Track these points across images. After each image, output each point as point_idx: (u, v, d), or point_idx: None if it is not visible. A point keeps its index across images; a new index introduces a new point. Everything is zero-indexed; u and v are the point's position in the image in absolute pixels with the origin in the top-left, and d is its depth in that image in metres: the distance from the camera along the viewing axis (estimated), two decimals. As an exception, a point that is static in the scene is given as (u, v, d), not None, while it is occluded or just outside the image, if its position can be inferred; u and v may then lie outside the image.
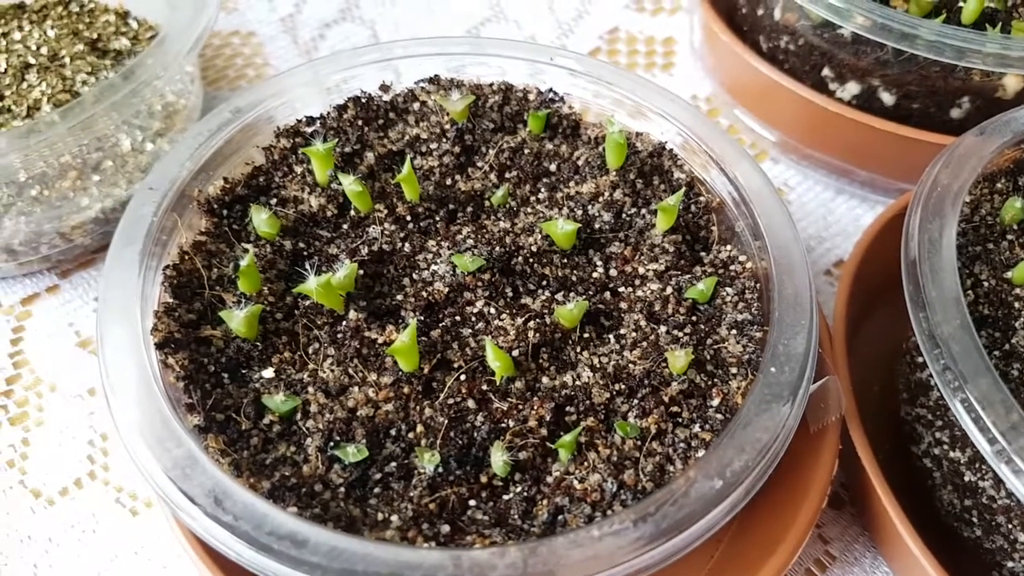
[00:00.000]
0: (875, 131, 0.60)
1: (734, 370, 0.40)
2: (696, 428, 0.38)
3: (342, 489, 0.36)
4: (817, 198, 0.69)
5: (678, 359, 0.39)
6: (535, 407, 0.39)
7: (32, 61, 0.67)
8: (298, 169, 0.48)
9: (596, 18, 0.83)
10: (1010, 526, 0.42)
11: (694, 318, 0.43)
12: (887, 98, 0.61)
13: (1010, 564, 0.43)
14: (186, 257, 0.44)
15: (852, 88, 0.62)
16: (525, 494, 0.37)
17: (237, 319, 0.40)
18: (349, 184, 0.45)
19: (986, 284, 0.45)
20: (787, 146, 0.67)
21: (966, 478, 0.44)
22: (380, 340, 0.41)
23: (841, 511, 0.51)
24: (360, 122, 0.51)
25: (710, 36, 0.70)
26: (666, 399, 0.39)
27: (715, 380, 0.40)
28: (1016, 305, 0.44)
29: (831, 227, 0.67)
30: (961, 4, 0.62)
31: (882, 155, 0.63)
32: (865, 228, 0.55)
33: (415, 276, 0.45)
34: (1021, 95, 0.59)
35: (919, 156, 0.56)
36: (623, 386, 0.40)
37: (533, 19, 0.83)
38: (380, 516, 0.36)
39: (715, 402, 0.39)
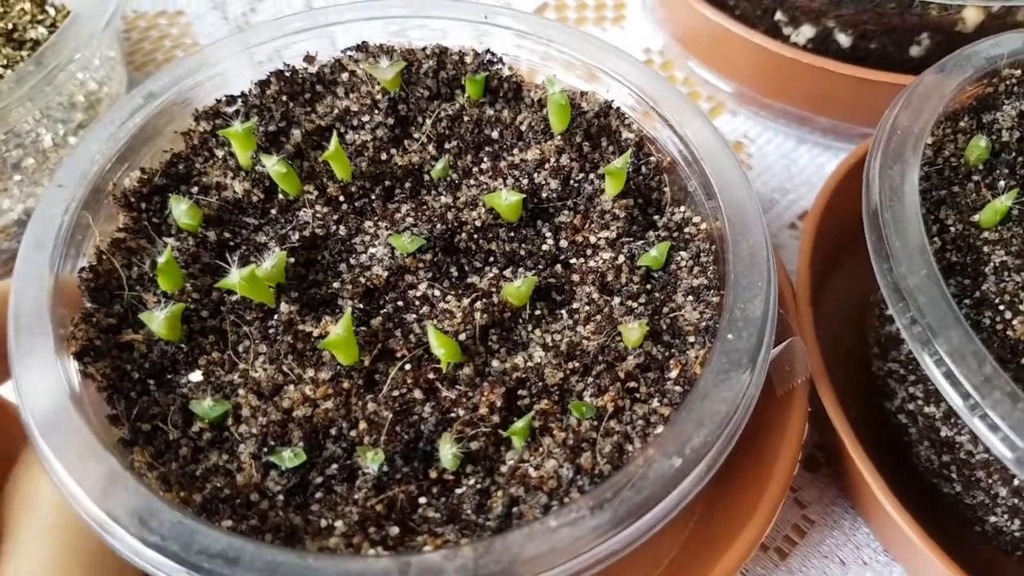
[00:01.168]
0: (832, 75, 0.58)
1: (692, 339, 0.38)
2: (655, 403, 0.36)
3: (280, 497, 0.34)
4: (778, 149, 0.66)
5: (632, 332, 0.37)
6: (485, 393, 0.37)
7: (-58, 56, 0.63)
8: (219, 153, 0.45)
9: (542, -26, 0.80)
10: (990, 481, 0.41)
11: (648, 286, 0.41)
12: (843, 39, 0.59)
13: (992, 519, 0.42)
14: (103, 257, 0.40)
15: (807, 31, 0.59)
16: (478, 487, 0.35)
17: (158, 320, 0.37)
18: (273, 165, 0.42)
19: (953, 229, 0.43)
20: (744, 97, 0.65)
21: (943, 433, 0.42)
22: (316, 333, 0.38)
23: (817, 473, 0.50)
24: (284, 98, 0.47)
25: (659, -15, 0.67)
26: (622, 375, 0.37)
27: (672, 351, 0.38)
28: (985, 250, 0.42)
29: (794, 178, 0.65)
30: (916, -65, 0.59)
31: (842, 100, 0.60)
32: (826, 178, 0.53)
33: (352, 261, 0.42)
34: (982, 28, 0.57)
35: (880, 98, 0.54)
36: (577, 364, 0.38)
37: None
38: (323, 523, 0.33)
39: (673, 374, 0.37)
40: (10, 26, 0.66)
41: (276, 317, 0.39)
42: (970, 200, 0.44)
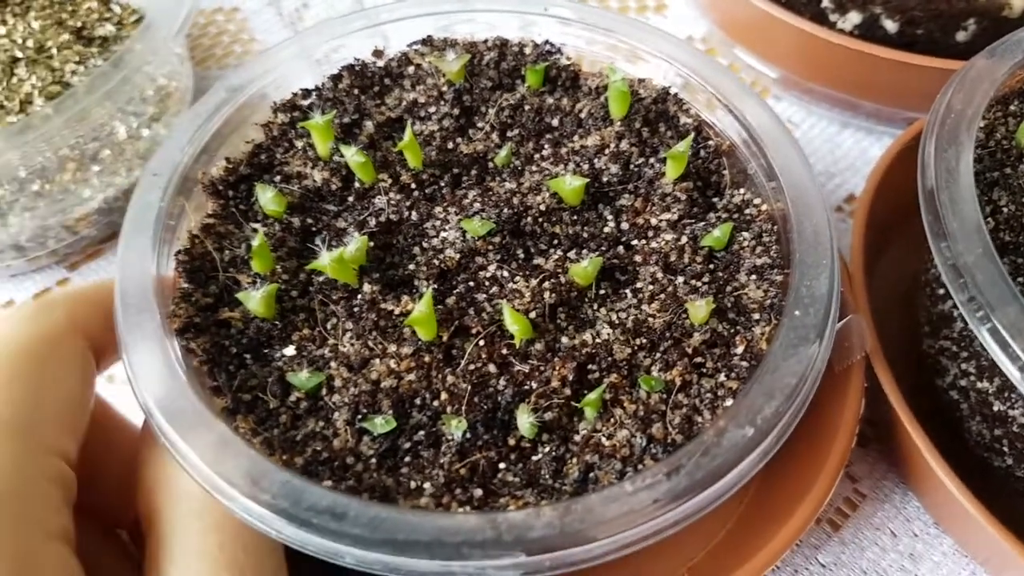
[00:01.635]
0: (879, 60, 0.59)
1: (756, 316, 0.40)
2: (722, 377, 0.38)
3: (373, 460, 0.36)
4: (823, 133, 0.68)
5: (699, 309, 0.39)
6: (557, 368, 0.39)
7: (19, 55, 0.66)
8: (299, 144, 0.48)
9: (586, -35, 0.81)
10: (1041, 451, 0.42)
11: (712, 266, 0.43)
12: (890, 25, 0.60)
13: (1042, 488, 0.44)
14: (196, 241, 0.43)
15: (853, 18, 0.61)
16: (554, 454, 0.37)
17: (254, 300, 0.39)
18: (351, 156, 0.45)
19: (1006, 210, 0.45)
20: (789, 82, 0.66)
21: (995, 408, 0.44)
22: (396, 311, 0.41)
23: (867, 449, 0.52)
24: (356, 91, 0.50)
25: (704, -26, 0.68)
26: (689, 350, 0.39)
27: (738, 328, 0.40)
28: (1037, 229, 0.44)
29: (839, 162, 0.66)
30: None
31: (887, 85, 0.62)
32: (875, 161, 0.54)
33: (425, 244, 0.44)
34: (1029, 13, 0.58)
35: (925, 83, 0.55)
36: (644, 340, 0.40)
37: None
38: (413, 484, 0.36)
39: (739, 350, 0.39)
40: (79, 24, 0.70)
41: (360, 296, 0.41)
42: (1022, 182, 0.46)
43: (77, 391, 0.36)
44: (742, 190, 0.45)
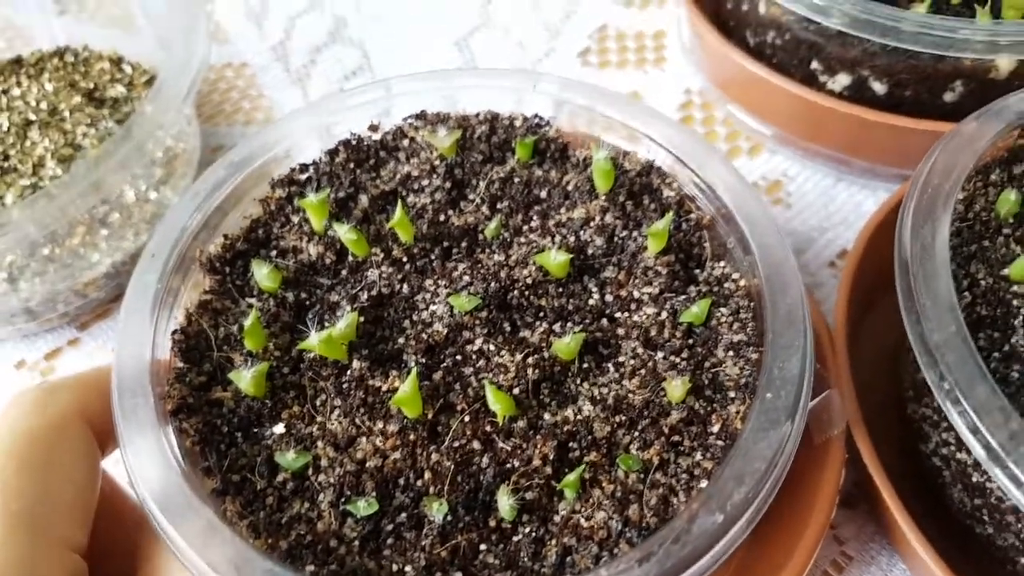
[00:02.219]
0: (868, 123, 0.60)
1: (732, 394, 0.41)
2: (698, 456, 0.39)
3: (356, 543, 0.38)
4: (817, 187, 0.68)
5: (676, 388, 0.40)
6: (538, 445, 0.40)
7: (33, 117, 0.69)
8: (295, 218, 0.49)
9: (584, 17, 0.83)
10: (1019, 525, 0.43)
11: (691, 341, 0.44)
12: (878, 87, 0.61)
13: (1022, 560, 0.44)
14: (192, 319, 0.45)
15: (842, 80, 0.62)
16: (534, 535, 0.38)
17: (246, 379, 0.41)
18: (344, 233, 0.46)
19: (983, 283, 0.45)
20: (783, 139, 0.67)
21: (974, 479, 0.44)
22: (384, 388, 0.42)
23: (856, 510, 0.52)
24: (352, 165, 0.52)
25: (696, 34, 0.69)
26: (666, 429, 0.40)
27: (714, 405, 0.41)
28: (1015, 303, 0.44)
29: (832, 216, 0.67)
30: (951, -17, 0.61)
31: (878, 144, 0.62)
32: (865, 221, 0.55)
33: (415, 318, 0.46)
34: (1016, 74, 0.58)
35: (915, 143, 0.56)
36: (624, 417, 0.41)
37: (521, 24, 0.83)
38: (395, 567, 0.37)
39: (715, 428, 0.40)
40: (91, 85, 0.72)
41: (349, 373, 0.43)
42: (1000, 254, 0.46)
43: (85, 479, 0.38)
44: (722, 263, 0.46)
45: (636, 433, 0.40)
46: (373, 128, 0.53)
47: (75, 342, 0.63)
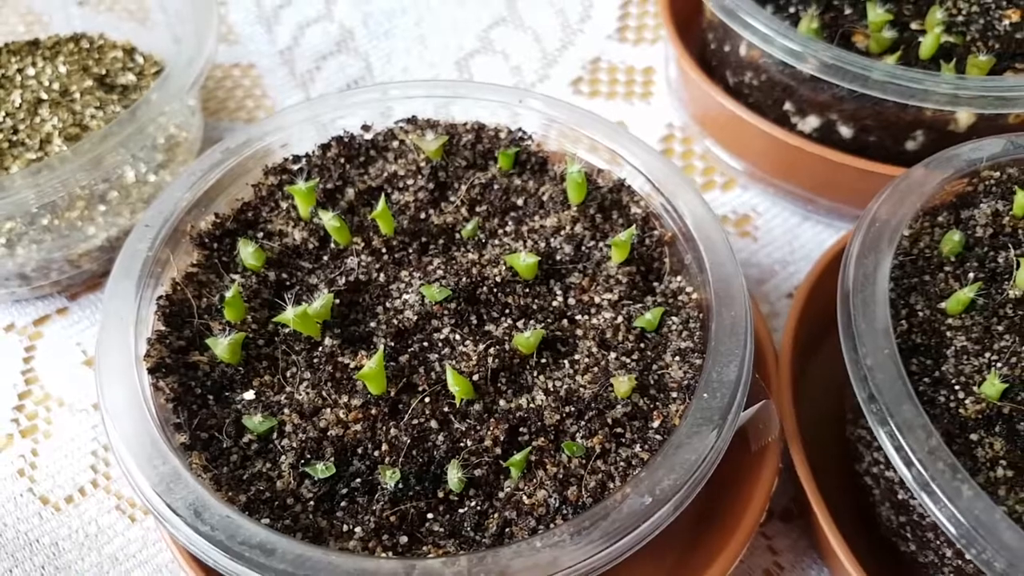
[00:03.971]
0: (834, 164, 0.63)
1: (674, 394, 0.44)
2: (637, 448, 0.42)
3: (311, 503, 0.40)
4: (784, 223, 0.72)
5: (622, 384, 0.43)
6: (491, 428, 0.43)
7: (44, 96, 0.72)
8: (283, 204, 0.52)
9: (580, 48, 0.87)
10: (938, 542, 0.45)
11: (642, 345, 0.47)
12: (845, 131, 0.64)
13: (941, 577, 0.47)
14: (178, 288, 0.48)
15: (812, 122, 0.65)
16: (478, 508, 0.40)
17: (222, 346, 0.44)
18: (329, 220, 0.49)
19: (920, 314, 0.48)
20: (754, 175, 0.71)
21: (899, 496, 0.47)
22: (352, 365, 0.45)
23: (791, 524, 0.55)
24: (343, 160, 0.55)
25: (681, 71, 0.73)
26: (610, 421, 0.43)
27: (657, 403, 0.44)
28: (948, 334, 0.47)
29: (796, 251, 0.70)
30: (920, 40, 0.65)
31: (842, 185, 0.66)
32: (816, 259, 0.58)
33: (388, 304, 0.48)
34: (973, 128, 0.62)
35: (877, 186, 0.59)
36: (573, 408, 0.44)
37: (519, 50, 0.87)
38: (345, 528, 0.39)
39: (655, 424, 0.43)
40: (103, 71, 0.76)
41: (320, 349, 0.45)
42: (939, 289, 0.49)
43: None
44: (679, 278, 0.49)
45: (583, 423, 0.43)
46: (366, 128, 0.56)
47: (64, 311, 0.66)
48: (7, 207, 0.58)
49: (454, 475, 0.41)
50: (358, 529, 0.39)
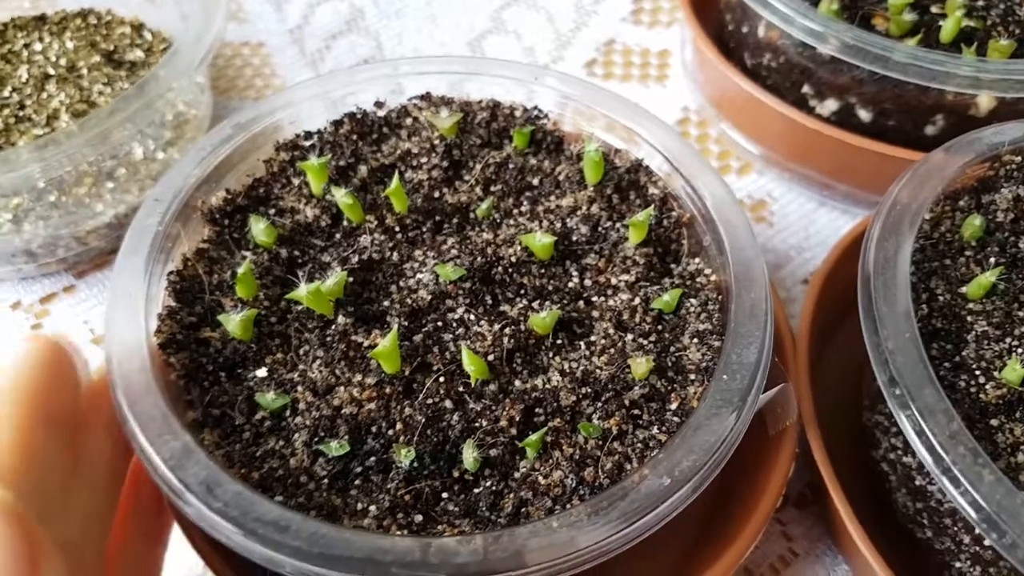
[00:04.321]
0: (852, 147, 0.63)
1: (692, 376, 0.43)
2: (654, 430, 0.41)
3: (325, 480, 0.39)
4: (800, 209, 0.71)
5: (640, 366, 0.42)
6: (506, 408, 0.42)
7: (51, 72, 0.71)
8: (295, 181, 0.52)
9: (594, 30, 0.86)
10: (955, 528, 0.45)
11: (659, 327, 0.46)
12: (864, 115, 0.64)
13: (957, 564, 0.46)
14: (188, 264, 0.47)
15: (831, 105, 0.65)
16: (493, 488, 0.40)
17: (234, 322, 0.43)
18: (341, 196, 0.48)
19: (941, 299, 0.48)
20: (771, 159, 0.70)
21: (916, 482, 0.46)
22: (366, 343, 0.44)
23: (806, 511, 0.54)
24: (355, 136, 0.54)
25: (698, 52, 0.72)
26: (627, 402, 0.42)
27: (675, 385, 0.43)
28: (969, 319, 0.47)
29: (811, 237, 0.69)
30: (941, 23, 0.64)
31: (860, 170, 0.65)
32: (833, 245, 0.58)
33: (401, 284, 0.48)
34: (994, 113, 0.61)
35: (895, 171, 0.58)
36: (589, 390, 0.43)
37: (532, 31, 0.86)
38: (359, 506, 0.39)
39: (673, 406, 0.42)
40: (111, 47, 0.75)
41: (333, 327, 0.45)
42: (960, 273, 0.49)
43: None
44: (697, 259, 0.49)
45: (599, 404, 0.43)
46: (379, 104, 0.55)
47: (70, 289, 0.65)
48: (13, 181, 0.57)
49: (469, 455, 0.40)
50: (372, 507, 0.39)
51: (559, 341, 0.46)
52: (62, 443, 0.37)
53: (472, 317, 0.46)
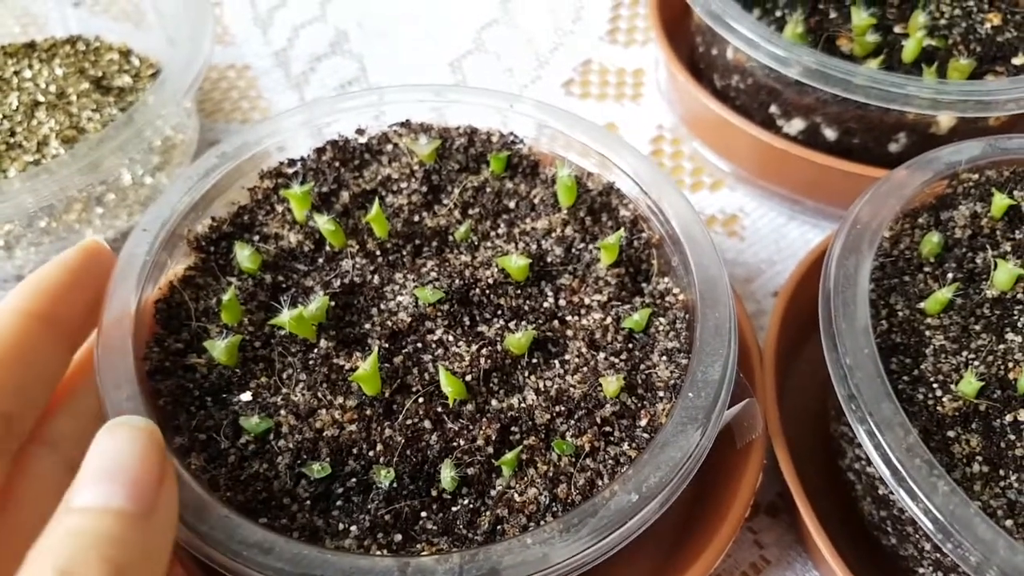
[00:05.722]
0: (819, 166, 0.65)
1: (661, 393, 0.45)
2: (625, 446, 0.43)
3: (308, 502, 0.41)
4: (771, 223, 0.73)
5: (611, 384, 0.44)
6: (483, 427, 0.44)
7: (41, 99, 0.73)
8: (279, 208, 0.53)
9: (571, 50, 0.88)
10: (917, 536, 0.47)
11: (630, 345, 0.48)
12: (829, 134, 0.66)
13: (920, 570, 0.48)
14: (175, 291, 0.49)
15: (797, 124, 0.67)
16: (471, 506, 0.42)
17: (219, 348, 0.45)
18: (324, 223, 0.50)
19: (900, 314, 0.50)
20: (741, 177, 0.72)
21: (880, 492, 0.48)
22: (347, 366, 0.46)
23: (777, 519, 0.56)
24: (337, 163, 0.56)
25: (670, 74, 0.74)
26: (599, 420, 0.44)
27: (644, 403, 0.45)
28: (927, 333, 0.49)
29: (783, 251, 0.71)
30: (904, 44, 0.66)
31: (827, 186, 0.67)
32: (801, 258, 0.60)
33: (382, 306, 0.49)
34: (954, 131, 0.64)
35: (861, 187, 0.60)
36: (563, 408, 0.45)
37: (512, 52, 0.88)
38: (341, 526, 0.40)
39: (643, 422, 0.44)
40: (100, 74, 0.76)
41: (316, 351, 0.46)
42: (918, 289, 0.51)
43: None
44: (666, 279, 0.51)
45: (572, 422, 0.44)
46: (360, 131, 0.57)
47: (61, 312, 0.67)
48: (6, 211, 0.58)
49: (447, 474, 0.42)
50: (353, 528, 0.40)
51: (534, 360, 0.48)
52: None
53: (450, 338, 0.48)
